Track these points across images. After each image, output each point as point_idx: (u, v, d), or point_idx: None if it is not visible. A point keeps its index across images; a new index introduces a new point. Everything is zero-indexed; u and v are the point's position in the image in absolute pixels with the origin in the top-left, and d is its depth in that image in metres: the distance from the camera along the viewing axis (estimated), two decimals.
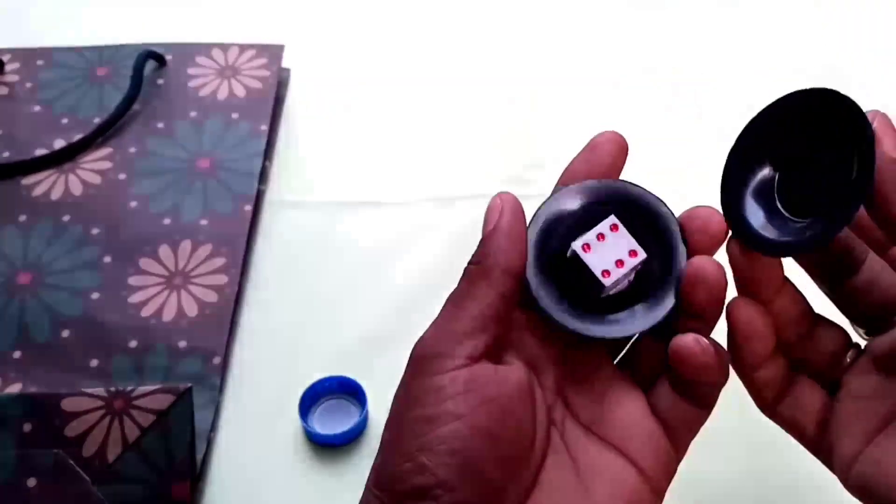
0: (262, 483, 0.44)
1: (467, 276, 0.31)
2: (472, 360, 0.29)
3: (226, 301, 0.49)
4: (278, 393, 0.46)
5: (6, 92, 0.60)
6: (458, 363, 0.29)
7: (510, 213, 0.31)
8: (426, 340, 0.30)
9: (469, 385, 0.28)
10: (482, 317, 0.29)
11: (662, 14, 0.66)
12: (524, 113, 0.60)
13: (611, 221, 0.31)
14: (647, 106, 0.61)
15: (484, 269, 0.30)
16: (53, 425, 0.42)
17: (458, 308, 0.30)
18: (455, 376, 0.28)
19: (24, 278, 0.50)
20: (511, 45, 0.65)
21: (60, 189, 0.54)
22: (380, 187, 0.56)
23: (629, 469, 0.31)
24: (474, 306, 0.30)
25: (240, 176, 0.55)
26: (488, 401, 0.28)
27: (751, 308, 0.31)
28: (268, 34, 0.64)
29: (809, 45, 0.64)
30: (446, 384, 0.28)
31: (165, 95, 0.60)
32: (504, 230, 0.31)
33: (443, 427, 0.27)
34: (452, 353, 0.29)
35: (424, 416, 0.28)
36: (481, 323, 0.29)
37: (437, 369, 0.28)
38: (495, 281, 0.30)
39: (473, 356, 0.29)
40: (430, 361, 0.29)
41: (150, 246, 0.52)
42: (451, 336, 0.29)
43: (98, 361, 0.47)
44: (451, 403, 0.28)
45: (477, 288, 0.30)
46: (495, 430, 0.28)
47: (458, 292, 0.31)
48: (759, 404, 0.33)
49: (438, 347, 0.29)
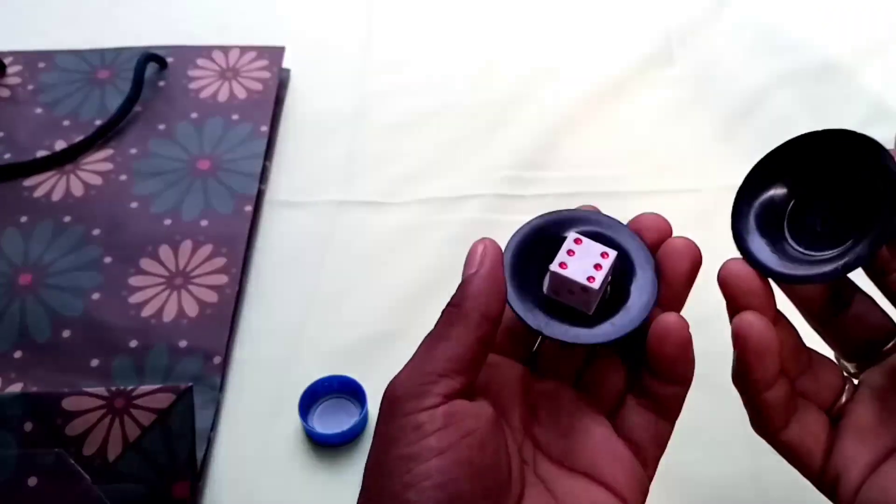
0: (262, 482, 0.44)
1: (446, 318, 0.31)
2: (446, 399, 0.29)
3: (226, 301, 0.49)
4: (278, 392, 0.47)
5: (8, 94, 0.60)
6: (434, 401, 0.29)
7: (491, 258, 0.31)
8: (399, 381, 0.30)
9: (448, 420, 0.28)
10: (458, 359, 0.30)
11: (662, 15, 0.66)
12: (524, 113, 0.60)
13: (573, 237, 0.33)
14: (647, 106, 0.61)
15: (463, 312, 0.30)
16: (54, 424, 0.42)
17: (433, 349, 0.30)
18: (433, 413, 0.28)
19: (25, 279, 0.50)
20: (511, 45, 0.65)
21: (62, 190, 0.55)
22: (380, 187, 0.56)
23: (605, 494, 0.31)
24: (450, 348, 0.30)
25: (240, 176, 0.55)
26: (468, 434, 0.28)
27: (762, 322, 0.30)
28: (268, 36, 0.64)
29: (809, 45, 0.64)
30: (425, 421, 0.28)
31: (166, 97, 0.60)
32: (484, 275, 0.31)
33: (425, 463, 0.27)
34: (428, 391, 0.29)
35: (406, 454, 0.28)
36: (457, 365, 0.29)
37: (412, 408, 0.29)
38: (473, 325, 0.30)
39: (448, 394, 0.29)
40: (406, 401, 0.29)
41: (150, 246, 0.52)
42: (426, 377, 0.29)
43: (98, 361, 0.47)
44: (432, 439, 0.28)
45: (454, 330, 0.30)
46: (476, 461, 0.28)
47: (435, 333, 0.31)
48: (764, 428, 0.33)
49: (413, 388, 0.29)
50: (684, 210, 0.49)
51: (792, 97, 0.61)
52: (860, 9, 0.66)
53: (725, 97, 0.61)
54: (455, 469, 0.28)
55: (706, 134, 0.59)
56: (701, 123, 0.59)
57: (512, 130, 0.59)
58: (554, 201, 0.55)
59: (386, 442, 0.29)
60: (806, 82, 0.61)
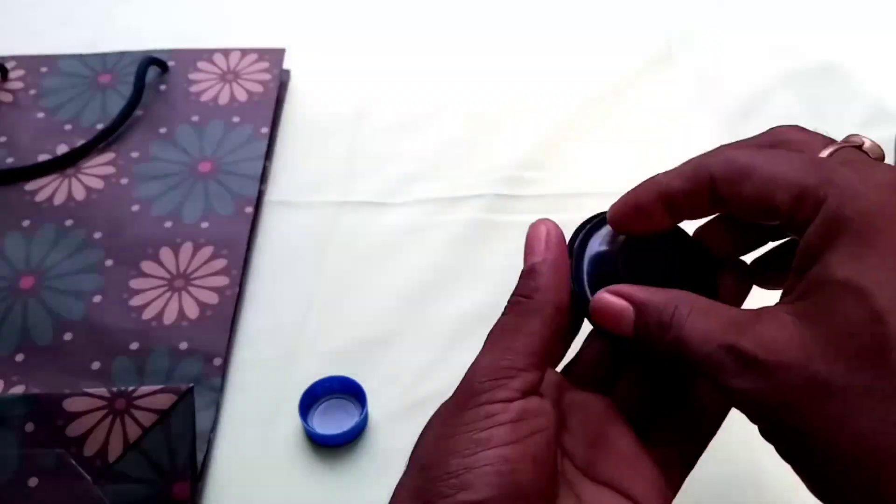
0: (262, 483, 0.44)
1: (519, 309, 0.31)
2: (522, 394, 0.29)
3: (226, 302, 0.50)
4: (278, 393, 0.47)
5: (10, 99, 0.61)
6: (511, 395, 0.29)
7: (556, 246, 0.31)
8: (477, 373, 0.30)
9: (521, 415, 0.29)
10: (537, 353, 0.30)
11: (662, 15, 0.66)
12: (524, 113, 0.60)
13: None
14: (647, 106, 0.61)
15: (537, 304, 0.30)
16: (55, 425, 0.42)
17: (512, 342, 0.30)
18: (507, 406, 0.29)
19: (27, 282, 0.51)
20: (511, 45, 0.65)
21: (63, 194, 0.55)
22: (380, 187, 0.56)
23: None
24: (529, 342, 0.30)
25: (241, 178, 0.55)
26: (537, 431, 0.29)
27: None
28: (269, 37, 0.64)
29: (809, 45, 0.64)
30: (499, 412, 0.28)
31: (168, 101, 0.60)
32: (553, 264, 0.31)
33: (492, 449, 0.28)
34: (505, 385, 0.29)
35: (474, 438, 0.28)
36: (535, 360, 0.30)
37: (488, 399, 0.29)
38: (548, 318, 0.30)
39: (525, 390, 0.29)
40: (483, 392, 0.29)
41: (151, 249, 0.52)
42: (505, 371, 0.29)
43: (100, 364, 0.47)
44: (503, 429, 0.28)
45: (530, 324, 0.30)
46: (540, 459, 0.29)
47: (509, 324, 0.31)
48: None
49: (491, 381, 0.29)
50: None
51: (792, 97, 0.61)
52: (860, 9, 0.66)
53: (725, 97, 0.61)
54: (520, 461, 0.28)
55: (706, 134, 0.59)
56: (701, 123, 0.59)
57: (512, 130, 0.59)
58: (554, 201, 0.55)
59: (454, 425, 0.29)
60: (806, 82, 0.61)
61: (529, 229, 0.32)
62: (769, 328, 0.26)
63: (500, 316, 0.31)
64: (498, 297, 0.50)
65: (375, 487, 0.44)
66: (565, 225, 0.34)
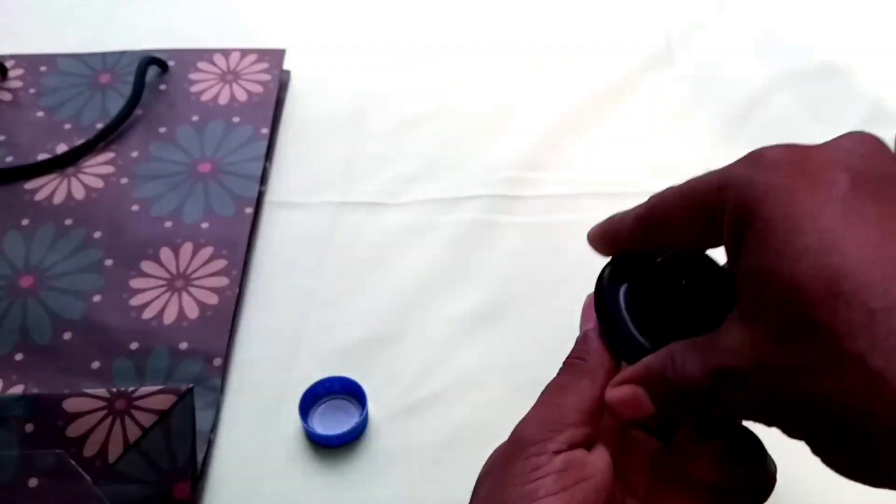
0: (262, 483, 0.44)
1: (572, 370, 0.32)
2: (570, 447, 0.30)
3: (227, 303, 0.50)
4: (279, 393, 0.47)
5: (10, 98, 0.60)
6: (557, 447, 0.30)
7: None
8: (527, 426, 0.31)
9: (566, 465, 0.30)
10: (585, 411, 0.31)
11: (662, 15, 0.66)
12: (524, 113, 0.60)
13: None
14: (647, 106, 0.61)
15: (590, 367, 0.32)
16: (55, 426, 0.42)
17: (562, 399, 0.32)
18: (552, 458, 0.30)
19: (27, 281, 0.51)
20: (511, 45, 0.65)
21: (63, 193, 0.55)
22: (380, 188, 0.56)
23: None
24: (578, 401, 0.31)
25: (241, 179, 0.55)
26: (584, 479, 0.30)
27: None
28: (269, 38, 0.64)
29: (809, 45, 0.64)
30: (545, 463, 0.30)
31: (167, 100, 0.60)
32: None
33: (540, 499, 0.29)
34: (553, 438, 0.30)
35: (522, 492, 0.29)
36: (584, 416, 0.31)
37: (535, 452, 0.30)
38: (599, 379, 0.32)
39: (571, 443, 0.30)
40: (530, 444, 0.30)
41: (151, 249, 0.52)
42: (554, 425, 0.31)
43: (99, 363, 0.47)
44: (549, 479, 0.29)
45: (581, 384, 0.32)
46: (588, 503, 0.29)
47: (561, 383, 0.32)
48: None
49: (539, 433, 0.31)
50: None
51: (792, 98, 0.61)
52: (860, 9, 0.66)
53: (725, 97, 0.61)
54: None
55: (706, 134, 0.59)
56: (701, 123, 0.59)
57: (512, 131, 0.59)
58: (554, 202, 0.55)
59: (505, 478, 0.30)
60: (806, 83, 0.61)
61: (586, 299, 0.33)
62: (730, 338, 0.27)
63: (555, 376, 0.33)
64: (498, 297, 0.51)
65: (375, 488, 0.44)
66: (566, 225, 0.34)
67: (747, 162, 0.29)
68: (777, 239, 0.26)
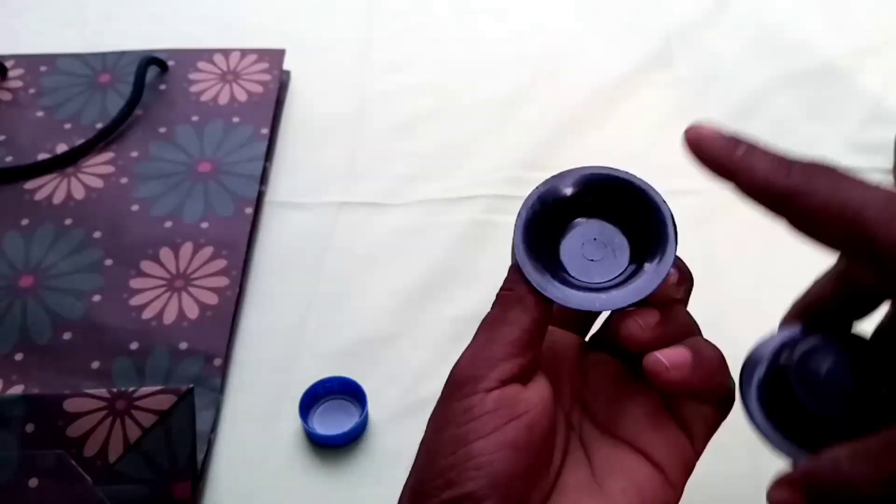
0: (262, 483, 0.44)
1: (501, 302, 0.32)
2: (502, 383, 0.30)
3: (226, 303, 0.50)
4: (279, 393, 0.47)
5: (10, 97, 0.60)
6: (489, 385, 0.30)
7: None
8: (461, 365, 0.31)
9: (497, 404, 0.29)
10: (517, 342, 0.30)
11: (662, 15, 0.66)
12: (524, 113, 0.60)
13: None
14: (647, 106, 0.61)
15: (518, 295, 0.31)
16: (55, 426, 0.42)
17: (492, 332, 0.31)
18: (484, 398, 0.29)
19: (27, 281, 0.51)
20: (510, 45, 0.65)
21: (63, 193, 0.55)
22: (380, 188, 0.56)
23: (641, 462, 0.31)
24: (509, 332, 0.31)
25: (241, 179, 0.55)
26: (515, 417, 0.29)
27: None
28: (269, 38, 0.64)
29: (809, 45, 0.64)
30: (475, 405, 0.29)
31: (167, 100, 0.60)
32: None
33: (469, 445, 0.29)
34: (485, 375, 0.30)
35: (454, 435, 0.29)
36: (516, 348, 0.30)
37: (468, 391, 0.30)
38: (529, 307, 0.31)
39: (504, 379, 0.30)
40: (463, 385, 0.30)
41: (151, 249, 0.52)
42: (486, 361, 0.30)
43: (99, 363, 0.47)
44: (479, 422, 0.29)
45: (511, 314, 0.31)
46: (520, 444, 0.29)
47: (491, 317, 0.31)
48: None
49: (472, 371, 0.30)
50: (685, 211, 0.49)
51: (792, 98, 0.61)
52: (860, 9, 0.66)
53: (725, 98, 0.61)
54: (497, 451, 0.29)
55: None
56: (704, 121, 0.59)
57: (512, 131, 0.59)
58: None
59: (439, 422, 0.30)
60: (806, 83, 0.61)
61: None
62: None
63: (488, 311, 0.32)
64: None
65: (375, 488, 0.44)
66: None
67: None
68: None
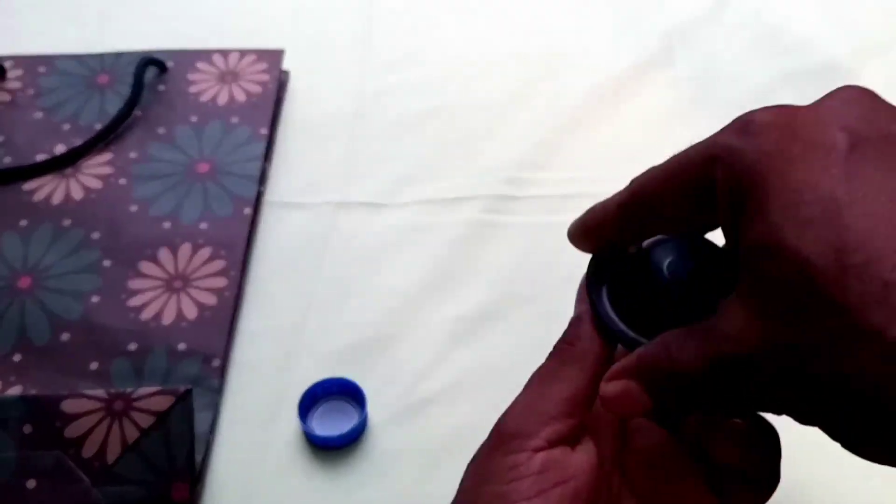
0: (261, 485, 0.44)
1: (559, 355, 0.30)
2: (551, 444, 0.29)
3: (225, 303, 0.49)
4: (277, 395, 0.46)
5: (8, 98, 0.60)
6: (538, 444, 0.28)
7: None
8: (511, 416, 0.30)
9: (544, 466, 0.28)
10: (571, 400, 0.29)
11: (662, 15, 0.66)
12: (524, 113, 0.60)
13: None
14: (647, 106, 0.61)
15: (579, 351, 0.30)
16: (54, 427, 0.42)
17: (546, 388, 0.30)
18: (531, 457, 0.28)
19: (25, 282, 0.50)
20: (511, 45, 0.65)
21: (61, 194, 0.55)
22: (379, 188, 0.56)
23: None
24: (564, 388, 0.29)
25: (239, 179, 0.55)
26: (561, 482, 0.28)
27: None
28: (267, 38, 0.64)
29: (809, 45, 0.64)
30: (521, 463, 0.28)
31: (166, 101, 0.60)
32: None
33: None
34: (535, 433, 0.29)
35: (497, 492, 0.28)
36: (569, 406, 0.29)
37: (515, 447, 0.28)
38: (588, 365, 0.30)
39: (553, 440, 0.29)
40: (512, 439, 0.29)
41: (149, 249, 0.52)
42: (537, 417, 0.29)
43: (98, 364, 0.47)
44: (524, 483, 0.28)
45: (568, 370, 0.30)
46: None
47: (546, 370, 0.30)
48: None
49: (521, 426, 0.29)
50: None
51: (792, 97, 0.60)
52: (860, 9, 0.66)
53: (726, 97, 0.61)
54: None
55: (706, 134, 0.58)
56: (701, 123, 0.59)
57: (512, 131, 0.59)
58: (553, 202, 0.55)
59: (482, 474, 0.29)
60: (806, 82, 0.61)
61: (581, 280, 0.31)
62: (730, 322, 0.25)
63: (543, 362, 0.31)
64: (497, 297, 0.51)
65: (374, 489, 0.44)
66: (566, 225, 0.34)
67: (735, 129, 0.27)
68: (777, 211, 0.24)
